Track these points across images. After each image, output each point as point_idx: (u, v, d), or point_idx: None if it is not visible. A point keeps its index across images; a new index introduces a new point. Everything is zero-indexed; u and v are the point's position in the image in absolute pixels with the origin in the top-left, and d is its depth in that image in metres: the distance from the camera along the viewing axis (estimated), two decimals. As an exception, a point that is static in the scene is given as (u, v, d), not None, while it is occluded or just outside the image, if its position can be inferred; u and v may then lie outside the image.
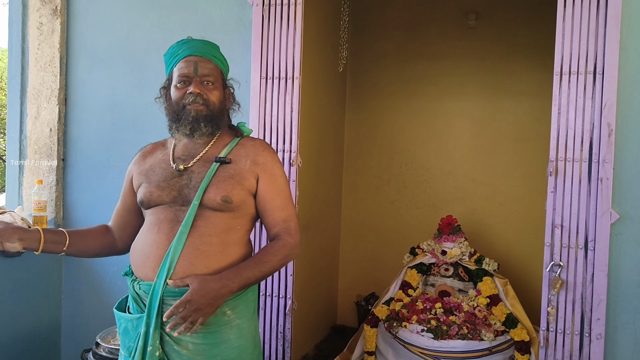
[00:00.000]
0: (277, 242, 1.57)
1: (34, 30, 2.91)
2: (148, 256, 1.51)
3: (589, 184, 2.14)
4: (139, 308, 1.52)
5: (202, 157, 1.60)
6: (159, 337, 1.46)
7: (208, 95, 1.58)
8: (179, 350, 1.46)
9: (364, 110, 4.35)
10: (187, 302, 1.39)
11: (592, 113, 2.13)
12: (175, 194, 1.54)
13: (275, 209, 1.60)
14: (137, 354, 1.46)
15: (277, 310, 2.53)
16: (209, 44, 1.65)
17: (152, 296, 1.46)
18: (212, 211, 1.52)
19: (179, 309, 1.38)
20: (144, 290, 1.50)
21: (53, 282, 2.90)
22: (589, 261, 2.13)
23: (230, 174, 1.55)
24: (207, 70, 1.59)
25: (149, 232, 1.55)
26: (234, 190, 1.54)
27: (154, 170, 1.62)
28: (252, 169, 1.59)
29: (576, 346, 2.16)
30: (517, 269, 3.83)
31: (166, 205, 1.55)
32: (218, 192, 1.51)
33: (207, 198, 1.51)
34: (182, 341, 1.46)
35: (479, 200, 4.07)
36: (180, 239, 1.48)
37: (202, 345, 1.48)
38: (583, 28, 2.14)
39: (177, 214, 1.52)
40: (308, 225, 3.41)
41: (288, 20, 2.49)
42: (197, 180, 1.54)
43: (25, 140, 2.94)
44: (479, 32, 4.05)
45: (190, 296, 1.39)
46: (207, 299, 1.40)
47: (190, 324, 1.39)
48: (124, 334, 1.55)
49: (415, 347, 2.88)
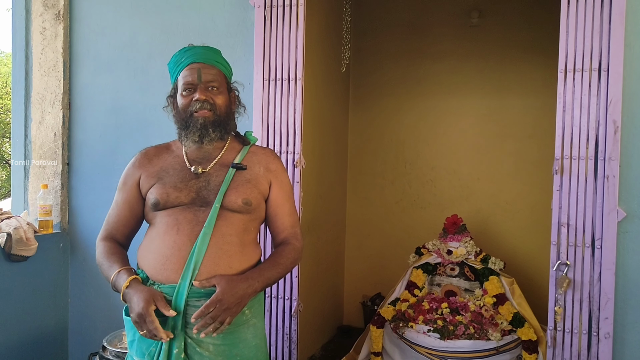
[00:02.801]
0: (288, 246, 1.64)
1: (37, 35, 2.92)
2: (169, 258, 1.51)
3: (595, 182, 2.13)
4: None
5: (218, 161, 1.64)
6: (183, 339, 1.47)
7: (214, 100, 1.60)
8: (201, 352, 1.48)
9: (367, 110, 4.34)
10: (218, 301, 1.41)
11: (597, 110, 2.12)
12: (194, 195, 1.56)
13: (284, 215, 1.68)
14: (162, 357, 1.46)
15: (283, 312, 2.53)
16: (210, 50, 1.67)
17: (176, 298, 1.47)
18: (231, 213, 1.56)
19: (210, 309, 1.41)
20: (166, 292, 1.49)
21: (60, 286, 2.90)
22: (596, 260, 2.12)
23: (247, 179, 1.61)
24: (211, 76, 1.61)
25: (167, 233, 1.54)
26: (252, 193, 1.60)
27: (168, 172, 1.63)
28: (265, 175, 1.66)
29: (584, 345, 2.15)
30: (523, 267, 3.81)
31: (185, 206, 1.55)
32: (239, 195, 1.56)
33: (228, 200, 1.55)
34: (203, 343, 1.48)
35: (484, 199, 4.05)
36: (204, 239, 1.50)
37: (222, 346, 1.50)
38: (587, 25, 2.13)
39: (197, 214, 1.54)
40: (313, 226, 3.40)
41: (290, 21, 2.48)
42: (215, 183, 1.58)
43: (30, 144, 2.95)
44: (482, 30, 4.03)
45: (222, 295, 1.42)
46: (236, 299, 1.43)
47: (218, 324, 1.42)
48: (140, 339, 1.52)
49: (422, 348, 2.87)
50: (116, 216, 1.67)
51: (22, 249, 2.58)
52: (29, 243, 2.60)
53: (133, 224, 1.69)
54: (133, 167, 1.69)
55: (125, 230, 1.68)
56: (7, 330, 2.58)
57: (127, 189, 1.67)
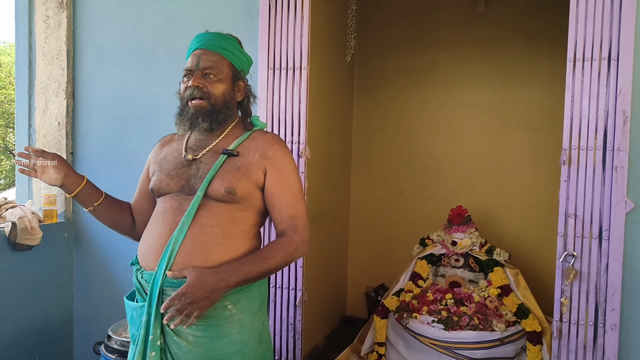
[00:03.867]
0: (282, 239, 1.53)
1: (40, 24, 2.90)
2: (151, 246, 1.52)
3: (603, 173, 2.10)
4: (142, 297, 1.53)
5: (212, 148, 1.59)
6: (159, 326, 1.46)
7: (209, 88, 1.56)
8: (179, 341, 1.46)
9: (372, 100, 4.31)
10: (182, 294, 1.38)
11: (606, 100, 2.09)
12: (183, 184, 1.55)
13: (282, 205, 1.56)
14: (139, 342, 1.47)
15: (288, 302, 2.53)
16: (219, 36, 1.62)
17: (152, 286, 1.47)
18: (215, 202, 1.51)
19: (175, 301, 1.38)
20: (146, 279, 1.51)
21: (65, 276, 2.91)
22: (603, 251, 2.10)
23: (237, 166, 1.54)
24: (210, 62, 1.56)
25: (154, 221, 1.56)
26: (239, 182, 1.51)
27: (167, 159, 1.63)
28: (259, 162, 1.56)
29: (590, 337, 2.14)
30: (528, 259, 3.80)
31: (173, 194, 1.55)
32: (222, 183, 1.50)
33: (212, 189, 1.50)
34: (182, 333, 1.46)
35: (489, 190, 4.03)
36: (182, 229, 1.48)
37: (202, 338, 1.47)
38: (597, 13, 2.09)
39: (182, 203, 1.52)
40: (317, 217, 3.39)
41: (295, 9, 2.45)
42: (204, 171, 1.54)
43: (34, 134, 2.94)
44: (489, 19, 3.99)
45: (186, 289, 1.38)
46: (202, 293, 1.38)
47: (185, 317, 1.38)
48: (130, 321, 1.58)
49: (426, 338, 2.87)
50: (134, 194, 1.76)
51: (27, 238, 2.58)
52: (34, 232, 2.60)
53: (143, 205, 1.73)
54: (151, 152, 1.75)
55: (137, 207, 1.73)
56: (13, 319, 2.59)
57: (143, 171, 1.75)
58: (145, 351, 1.46)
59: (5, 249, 2.54)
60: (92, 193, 1.63)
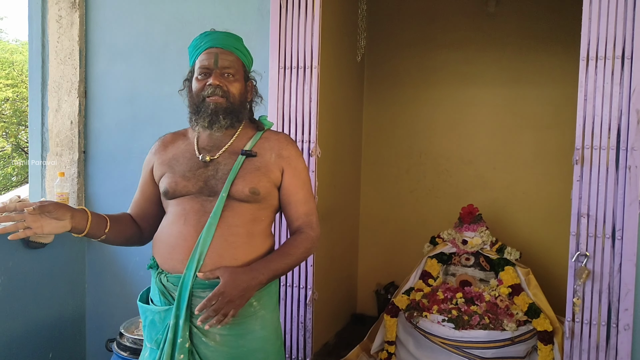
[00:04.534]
0: (300, 235, 1.59)
1: (53, 24, 2.92)
2: (175, 248, 1.51)
3: (617, 172, 2.09)
4: (167, 300, 1.52)
5: (227, 148, 1.60)
6: (188, 328, 1.47)
7: (228, 87, 1.57)
8: (207, 342, 1.48)
9: (382, 99, 4.31)
10: (220, 294, 1.40)
11: (620, 99, 2.08)
12: (202, 185, 1.54)
13: (298, 203, 1.62)
14: (167, 346, 1.46)
15: (298, 301, 2.53)
16: (231, 36, 1.63)
17: (181, 288, 1.46)
18: (238, 202, 1.52)
19: (212, 302, 1.39)
20: (172, 282, 1.50)
21: (77, 273, 2.94)
22: (616, 251, 2.09)
23: (257, 166, 1.56)
24: (228, 62, 1.58)
25: (175, 223, 1.54)
26: (260, 182, 1.55)
27: (178, 160, 1.61)
28: (277, 162, 1.60)
29: (603, 337, 2.12)
30: (539, 258, 3.78)
31: (192, 195, 1.54)
32: (246, 184, 1.52)
33: (235, 190, 1.52)
34: (209, 333, 1.47)
35: (500, 189, 4.02)
36: (209, 230, 1.48)
37: (228, 337, 1.49)
38: (611, 11, 2.08)
39: (204, 204, 1.52)
40: (327, 216, 3.40)
41: (306, 9, 2.46)
42: (223, 172, 1.55)
43: (47, 133, 2.97)
44: (499, 19, 3.96)
45: (224, 288, 1.40)
46: (239, 291, 1.41)
47: (222, 316, 1.40)
48: (150, 326, 1.55)
49: (436, 337, 2.86)
50: (135, 200, 1.72)
51: (40, 235, 2.60)
52: (47, 230, 2.62)
53: (146, 208, 1.69)
54: (150, 153, 1.71)
55: (139, 211, 1.70)
56: (26, 316, 2.62)
57: (144, 174, 1.70)
58: (173, 354, 1.46)
59: (18, 246, 2.56)
60: (99, 221, 1.56)
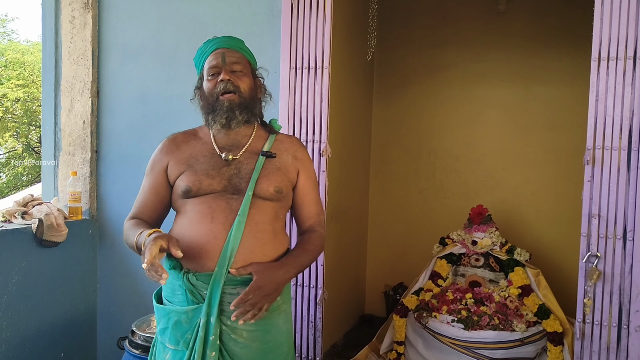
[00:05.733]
0: (315, 234, 1.67)
1: (66, 24, 2.95)
2: (204, 246, 1.51)
3: (628, 173, 2.08)
4: (195, 299, 1.51)
5: (247, 148, 1.64)
6: (219, 326, 1.49)
7: (238, 82, 1.60)
8: (236, 338, 1.50)
9: (391, 98, 4.31)
10: (258, 288, 1.45)
11: (631, 100, 2.07)
12: (226, 183, 1.57)
13: (311, 203, 1.71)
14: (198, 344, 1.47)
15: (308, 300, 2.54)
16: (233, 38, 1.70)
17: (212, 286, 1.48)
18: (263, 200, 1.57)
19: (249, 296, 1.44)
20: (202, 280, 1.50)
21: (89, 271, 2.97)
22: (628, 252, 2.08)
23: (277, 167, 1.63)
24: (235, 58, 1.63)
25: (201, 222, 1.54)
26: (282, 181, 1.62)
27: (197, 159, 1.62)
28: (294, 164, 1.68)
29: (613, 338, 2.12)
30: (549, 259, 3.77)
31: (217, 194, 1.56)
32: (271, 183, 1.58)
33: (260, 188, 1.56)
34: (237, 329, 1.50)
35: (509, 189, 4.01)
36: (239, 227, 1.51)
37: (255, 332, 1.52)
38: (623, 12, 2.07)
39: (230, 202, 1.54)
40: (337, 216, 3.41)
41: (317, 9, 2.47)
42: (246, 171, 1.58)
43: (60, 132, 3.00)
44: (510, 17, 3.96)
45: (261, 282, 1.45)
46: (274, 285, 1.47)
47: (257, 310, 1.45)
48: (175, 327, 1.52)
49: (446, 338, 2.86)
50: (143, 201, 1.67)
51: (53, 234, 2.63)
52: (60, 229, 2.66)
53: (160, 209, 1.68)
54: (161, 153, 1.67)
55: (153, 214, 1.67)
56: (38, 314, 2.65)
57: (154, 174, 1.67)
58: (204, 352, 1.47)
59: (31, 245, 2.59)
60: None
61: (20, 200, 2.72)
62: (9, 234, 2.48)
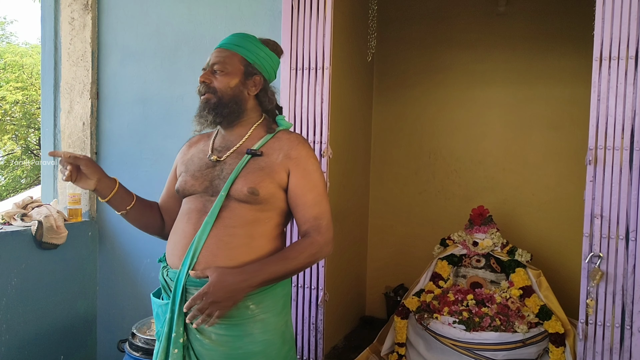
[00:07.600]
0: (305, 240, 1.52)
1: (65, 26, 2.94)
2: (176, 245, 1.54)
3: (630, 173, 2.08)
4: (167, 295, 1.55)
5: (236, 149, 1.59)
6: (182, 324, 1.47)
7: (215, 83, 1.57)
8: (202, 339, 1.47)
9: (391, 99, 4.31)
10: (204, 294, 1.39)
11: (633, 99, 2.06)
12: (207, 184, 1.56)
13: (306, 206, 1.55)
14: (163, 339, 1.49)
15: (309, 302, 2.53)
16: (235, 35, 1.65)
17: (175, 284, 1.49)
18: (238, 202, 1.50)
19: (197, 301, 1.39)
20: (171, 277, 1.53)
21: (88, 274, 2.95)
22: (630, 252, 2.08)
23: (261, 167, 1.53)
24: (218, 58, 1.59)
25: (180, 221, 1.58)
26: (262, 182, 1.51)
27: (193, 160, 1.65)
28: (283, 163, 1.55)
29: (616, 339, 2.11)
30: (550, 259, 3.76)
31: (198, 195, 1.57)
32: (245, 184, 1.49)
33: (234, 189, 1.50)
34: (204, 331, 1.47)
35: (510, 190, 4.00)
36: (205, 229, 1.49)
37: (224, 337, 1.48)
38: (624, 11, 2.07)
39: (206, 204, 1.53)
40: (338, 217, 3.40)
41: (317, 10, 2.46)
42: (227, 172, 1.54)
43: (59, 134, 2.99)
44: (509, 18, 3.95)
45: (207, 289, 1.39)
46: (225, 292, 1.39)
47: (207, 317, 1.39)
48: (156, 318, 1.60)
49: (447, 339, 2.85)
50: (162, 194, 1.77)
51: (52, 237, 2.62)
52: (60, 231, 2.64)
53: (172, 205, 1.73)
54: (179, 152, 1.76)
55: (165, 207, 1.74)
56: (38, 316, 2.64)
57: (171, 173, 1.76)
58: (168, 348, 1.48)
59: (31, 247, 2.58)
60: (124, 196, 1.63)
61: (19, 202, 2.71)
62: (8, 236, 2.47)
